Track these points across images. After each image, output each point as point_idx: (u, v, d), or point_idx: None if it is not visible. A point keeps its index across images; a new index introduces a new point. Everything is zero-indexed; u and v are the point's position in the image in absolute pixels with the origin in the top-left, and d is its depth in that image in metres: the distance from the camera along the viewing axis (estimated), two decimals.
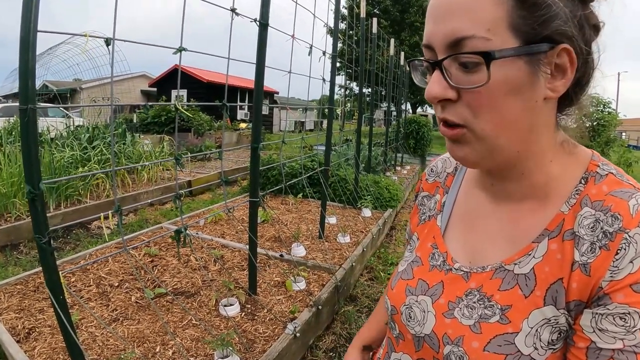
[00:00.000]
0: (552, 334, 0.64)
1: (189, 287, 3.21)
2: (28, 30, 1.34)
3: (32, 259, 4.34)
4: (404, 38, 24.86)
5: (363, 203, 5.72)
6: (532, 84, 0.63)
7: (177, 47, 2.06)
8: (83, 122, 10.70)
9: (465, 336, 0.70)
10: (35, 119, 1.46)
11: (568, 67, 0.63)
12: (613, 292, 0.58)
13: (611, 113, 10.33)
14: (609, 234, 0.60)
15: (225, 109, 2.50)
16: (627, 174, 0.69)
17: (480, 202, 0.82)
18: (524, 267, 0.69)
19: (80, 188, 6.07)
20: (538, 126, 0.67)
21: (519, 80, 0.62)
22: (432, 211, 0.92)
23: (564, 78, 0.64)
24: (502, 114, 0.64)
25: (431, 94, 0.66)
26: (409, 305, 0.82)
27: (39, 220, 1.57)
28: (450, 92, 0.65)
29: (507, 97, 0.62)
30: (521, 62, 0.61)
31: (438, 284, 0.79)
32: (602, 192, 0.65)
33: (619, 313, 0.57)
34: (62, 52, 15.10)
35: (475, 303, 0.72)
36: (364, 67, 5.89)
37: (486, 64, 0.60)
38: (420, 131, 13.86)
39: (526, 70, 0.61)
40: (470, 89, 0.63)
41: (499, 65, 0.60)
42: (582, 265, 0.62)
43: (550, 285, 0.65)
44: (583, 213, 0.65)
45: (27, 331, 2.55)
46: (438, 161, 0.99)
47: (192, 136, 13.42)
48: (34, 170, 1.53)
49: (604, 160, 0.71)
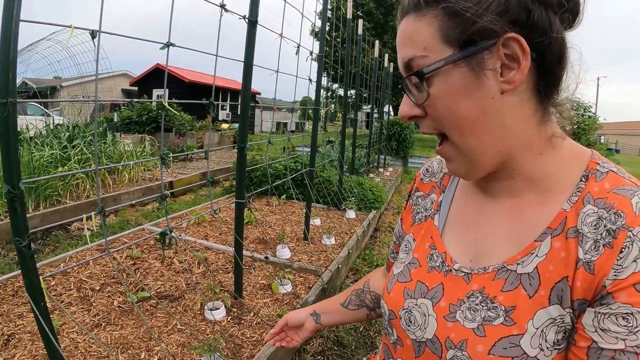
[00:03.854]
0: (558, 334, 0.63)
1: (173, 290, 3.14)
2: (10, 19, 1.27)
3: (10, 262, 4.20)
4: (386, 40, 24.90)
5: (347, 204, 5.69)
6: (479, 83, 0.64)
7: (163, 42, 2.00)
8: (63, 120, 10.48)
9: (469, 340, 0.69)
10: (15, 114, 1.39)
11: (520, 55, 0.63)
12: (616, 291, 0.57)
13: (591, 117, 10.50)
14: (612, 231, 0.60)
15: (212, 108, 2.45)
16: (628, 172, 0.69)
17: (478, 200, 0.82)
18: (527, 267, 0.68)
19: (60, 188, 5.91)
20: (508, 120, 0.68)
21: (462, 83, 0.65)
22: (429, 211, 0.91)
23: (514, 70, 0.64)
24: (461, 119, 0.67)
25: (400, 113, 0.75)
26: (408, 309, 0.80)
27: (19, 222, 1.49)
28: (415, 109, 0.72)
29: (459, 102, 0.66)
30: (460, 66, 0.64)
31: (438, 286, 0.78)
32: (605, 190, 0.65)
33: (622, 313, 0.57)
34: (42, 49, 14.81)
35: (477, 305, 0.71)
36: (348, 68, 5.86)
37: (420, 80, 0.67)
38: (402, 133, 13.89)
39: (468, 72, 0.64)
40: (421, 104, 0.69)
41: (439, 76, 0.66)
42: (586, 263, 0.61)
43: (555, 284, 0.64)
44: (586, 211, 0.65)
45: (6, 338, 2.45)
46: (434, 161, 0.99)
47: (173, 136, 13.24)
48: (14, 169, 1.45)
49: (603, 159, 0.72)
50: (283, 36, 3.16)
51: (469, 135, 0.67)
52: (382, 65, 10.94)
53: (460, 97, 0.65)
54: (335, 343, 3.04)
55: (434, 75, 0.66)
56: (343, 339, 3.08)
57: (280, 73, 3.32)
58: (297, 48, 3.41)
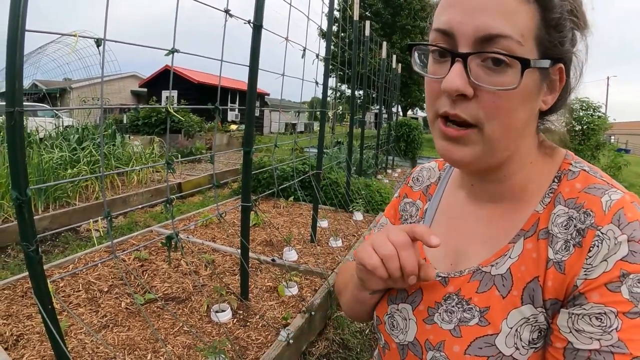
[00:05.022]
0: (532, 333, 0.64)
1: (180, 292, 3.17)
2: (16, 29, 1.29)
3: (20, 263, 4.25)
4: (395, 41, 24.89)
5: (355, 206, 5.69)
6: (537, 95, 0.66)
7: (169, 48, 2.02)
8: (72, 122, 10.57)
9: (446, 341, 0.70)
10: (22, 123, 1.41)
11: (558, 84, 0.67)
12: (588, 291, 0.58)
13: (601, 117, 10.40)
14: (581, 231, 0.61)
15: (217, 112, 2.46)
16: (601, 171, 0.70)
17: (460, 203, 0.83)
18: (500, 268, 0.69)
19: (69, 190, 5.98)
20: (529, 131, 0.71)
21: (531, 90, 0.64)
22: (414, 218, 0.93)
23: (553, 93, 0.68)
24: (512, 119, 0.64)
25: (452, 86, 0.62)
26: (390, 314, 0.82)
27: (26, 227, 1.52)
28: (469, 88, 0.63)
29: (521, 104, 0.64)
30: (537, 73, 0.63)
31: (417, 291, 0.80)
32: (576, 190, 0.67)
33: (595, 313, 0.57)
34: (52, 51, 14.98)
35: (454, 307, 0.72)
36: (356, 69, 5.87)
37: (522, 70, 0.60)
38: (411, 134, 13.89)
39: (537, 82, 0.64)
40: (496, 90, 0.62)
41: (526, 73, 0.61)
42: (556, 263, 0.62)
43: (526, 284, 0.65)
44: (556, 211, 0.66)
45: (15, 338, 2.48)
46: (423, 170, 0.99)
47: (182, 137, 13.32)
48: (21, 175, 1.48)
49: (577, 159, 0.73)
50: (289, 40, 3.18)
51: (506, 134, 0.65)
52: (390, 66, 10.93)
53: (525, 99, 0.64)
54: (341, 346, 3.05)
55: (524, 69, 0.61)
56: (348, 342, 3.08)
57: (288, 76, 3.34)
58: (303, 51, 3.42)
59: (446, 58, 0.65)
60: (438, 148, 0.71)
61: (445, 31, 0.64)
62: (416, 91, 29.68)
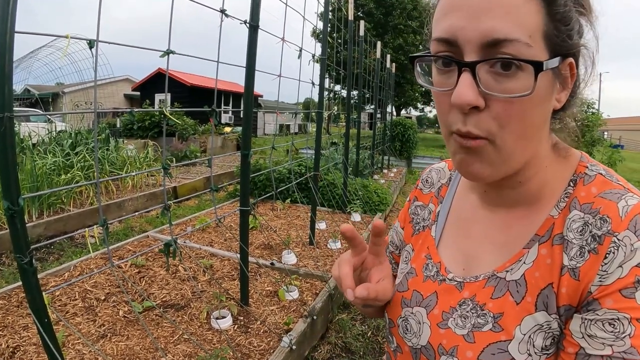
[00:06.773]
0: (546, 340, 0.62)
1: (179, 299, 3.11)
2: (4, 32, 1.23)
3: (14, 271, 4.17)
4: (387, 41, 24.91)
5: (352, 207, 5.66)
6: (551, 95, 0.62)
7: (163, 50, 1.97)
8: (65, 127, 10.48)
9: (459, 346, 0.69)
10: (12, 129, 1.35)
11: (569, 80, 0.63)
12: (602, 297, 0.57)
13: (595, 113, 10.45)
14: (597, 237, 0.59)
15: (214, 115, 2.41)
16: (617, 174, 0.68)
17: (473, 208, 0.81)
18: (515, 274, 0.68)
19: (63, 196, 5.91)
20: (544, 134, 0.67)
21: (545, 92, 0.60)
22: (427, 221, 0.91)
23: (565, 90, 0.64)
24: (526, 126, 0.61)
25: (464, 100, 0.57)
26: (404, 317, 0.81)
27: (19, 238, 1.46)
28: (480, 99, 0.58)
29: (535, 108, 0.60)
30: (549, 74, 0.59)
31: (432, 295, 0.79)
32: (591, 194, 0.64)
33: (608, 319, 0.56)
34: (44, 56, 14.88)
35: (468, 312, 0.71)
36: (351, 69, 5.83)
37: (535, 74, 0.55)
38: (406, 133, 13.87)
39: (550, 82, 0.60)
40: (509, 97, 0.57)
41: (539, 76, 0.56)
42: (570, 269, 0.61)
43: (540, 291, 0.64)
44: (572, 217, 0.64)
45: (11, 350, 2.42)
46: (432, 172, 0.97)
47: (176, 141, 13.23)
48: (12, 184, 1.42)
49: (592, 161, 0.71)
50: (285, 40, 3.13)
51: (520, 142, 0.61)
52: (384, 66, 10.90)
53: (539, 103, 0.60)
54: (343, 349, 3.01)
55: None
56: (351, 345, 3.04)
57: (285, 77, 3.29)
58: (300, 52, 3.37)
59: (451, 67, 0.61)
60: (455, 163, 0.67)
61: (448, 40, 0.59)
62: (409, 90, 29.76)
